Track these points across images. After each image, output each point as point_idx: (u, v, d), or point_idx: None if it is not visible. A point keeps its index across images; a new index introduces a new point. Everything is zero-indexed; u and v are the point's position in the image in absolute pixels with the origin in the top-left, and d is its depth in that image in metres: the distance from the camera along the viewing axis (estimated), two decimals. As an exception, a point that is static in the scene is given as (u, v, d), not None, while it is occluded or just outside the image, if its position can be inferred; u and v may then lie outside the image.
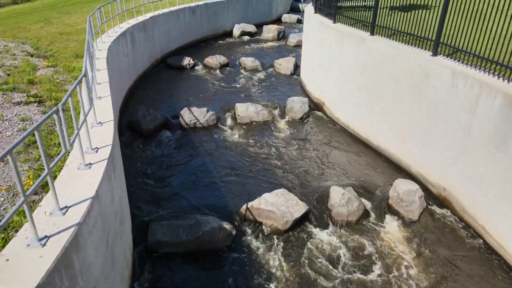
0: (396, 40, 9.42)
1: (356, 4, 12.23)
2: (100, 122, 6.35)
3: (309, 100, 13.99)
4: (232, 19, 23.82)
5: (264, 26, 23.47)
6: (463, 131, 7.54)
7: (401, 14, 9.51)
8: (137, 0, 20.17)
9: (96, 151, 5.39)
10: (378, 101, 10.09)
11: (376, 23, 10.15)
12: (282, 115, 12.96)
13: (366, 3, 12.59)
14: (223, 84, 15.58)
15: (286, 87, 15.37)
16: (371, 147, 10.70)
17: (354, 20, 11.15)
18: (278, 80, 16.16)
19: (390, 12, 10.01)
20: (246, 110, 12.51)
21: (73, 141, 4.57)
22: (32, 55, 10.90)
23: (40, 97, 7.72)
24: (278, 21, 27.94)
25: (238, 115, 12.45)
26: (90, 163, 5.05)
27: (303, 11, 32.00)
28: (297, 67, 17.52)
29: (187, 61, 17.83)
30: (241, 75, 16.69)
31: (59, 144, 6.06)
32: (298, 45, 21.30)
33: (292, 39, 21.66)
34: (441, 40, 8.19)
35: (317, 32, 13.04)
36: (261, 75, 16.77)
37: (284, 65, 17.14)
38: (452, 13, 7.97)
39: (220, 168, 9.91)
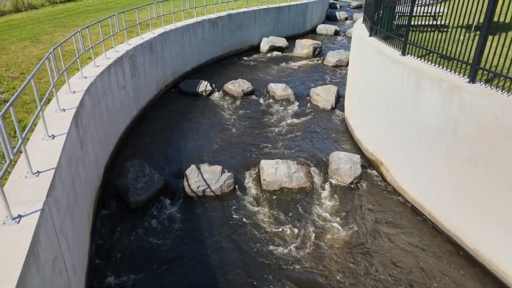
0: (523, 98, 5.81)
1: (436, 23, 8.62)
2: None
3: (356, 149, 10.44)
4: (259, 32, 20.49)
5: (296, 40, 20.01)
6: None
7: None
8: (145, 13, 17.20)
9: None
10: (482, 180, 6.46)
11: (480, 65, 6.56)
12: (324, 177, 9.48)
13: (455, 23, 8.93)
14: (245, 122, 12.23)
15: (327, 129, 11.85)
16: (466, 251, 7.07)
17: (439, 56, 7.55)
18: (316, 118, 12.66)
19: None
20: (275, 172, 9.11)
21: None
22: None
23: None
24: (312, 32, 24.39)
25: (264, 180, 9.05)
26: None
27: (340, 19, 28.38)
28: (339, 98, 13.98)
29: (204, 86, 14.62)
30: (269, 109, 13.30)
31: None
32: (339, 66, 17.74)
33: (331, 58, 18.09)
34: None
35: (374, 64, 9.49)
36: (294, 109, 13.32)
37: (323, 96, 13.64)
38: None
39: (237, 277, 6.55)
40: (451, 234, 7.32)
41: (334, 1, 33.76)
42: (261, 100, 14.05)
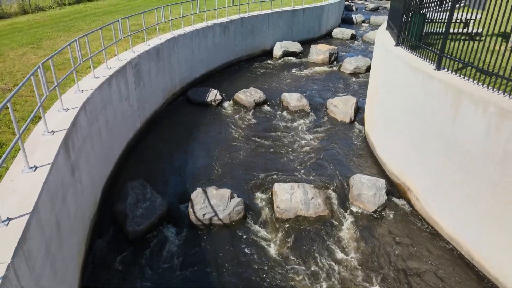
0: None
1: (467, 30, 7.58)
2: None
3: (378, 169, 9.44)
4: (273, 36, 19.55)
5: (312, 45, 19.01)
6: None
7: None
8: (152, 17, 16.38)
9: None
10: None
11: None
12: (345, 204, 8.50)
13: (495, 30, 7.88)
14: (257, 137, 11.30)
15: (346, 147, 10.85)
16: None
17: (480, 71, 6.53)
18: (334, 132, 11.67)
19: None
20: (290, 199, 8.16)
21: None
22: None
23: None
24: (327, 36, 23.35)
25: (278, 207, 8.12)
26: None
27: (356, 22, 27.26)
28: (358, 109, 12.97)
29: (213, 95, 13.74)
30: (283, 121, 12.35)
31: None
32: (356, 74, 16.71)
33: (348, 65, 17.05)
34: None
35: (402, 78, 8.48)
36: (309, 121, 12.35)
37: (341, 107, 12.64)
38: None
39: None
40: (498, 282, 6.28)
41: (350, 3, 32.63)
42: (274, 111, 13.11)
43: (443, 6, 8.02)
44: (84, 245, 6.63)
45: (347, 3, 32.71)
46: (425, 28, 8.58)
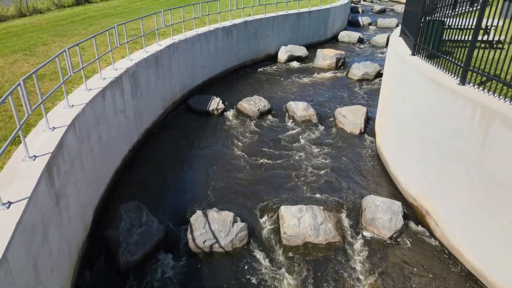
0: None
1: (488, 38, 6.86)
2: None
3: (392, 188, 8.75)
4: (277, 40, 18.86)
5: (318, 50, 18.31)
6: None
7: None
8: (152, 21, 15.74)
9: None
10: None
11: None
12: (357, 229, 7.81)
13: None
14: (261, 151, 10.62)
15: (356, 162, 10.16)
16: None
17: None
18: (343, 145, 10.98)
19: None
20: (298, 224, 7.48)
21: None
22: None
23: None
24: (333, 40, 22.63)
25: (285, 233, 7.44)
26: None
27: (363, 25, 26.53)
28: (368, 120, 12.27)
29: (215, 103, 13.08)
30: (288, 132, 11.67)
31: None
32: (365, 80, 16.01)
33: (356, 71, 16.35)
34: None
35: (420, 90, 7.78)
36: (317, 133, 11.66)
37: (350, 118, 11.93)
38: None
39: None
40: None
41: (356, 5, 31.90)
42: (280, 121, 12.43)
43: (468, 8, 7.31)
44: (71, 279, 5.98)
45: (353, 5, 31.98)
46: (445, 35, 7.88)
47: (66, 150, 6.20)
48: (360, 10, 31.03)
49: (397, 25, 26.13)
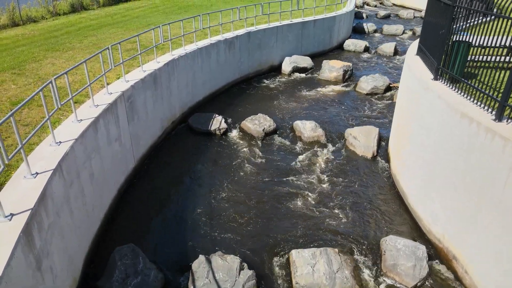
0: None
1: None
2: None
3: (412, 224, 7.98)
4: (281, 51, 18.09)
5: (324, 61, 17.54)
6: None
7: None
8: (148, 33, 14.95)
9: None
10: None
11: None
12: (377, 275, 7.04)
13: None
14: (268, 179, 9.85)
15: (371, 192, 9.39)
16: None
17: None
18: (356, 171, 10.21)
19: None
20: (311, 272, 6.72)
21: None
22: None
23: None
24: (339, 49, 21.87)
25: (297, 283, 6.66)
26: None
27: (368, 32, 25.76)
28: (380, 141, 11.52)
29: (217, 122, 12.31)
30: (296, 157, 10.89)
31: None
32: (374, 94, 15.26)
33: (365, 84, 15.59)
34: None
35: (446, 122, 7.02)
36: (326, 157, 10.89)
37: (361, 140, 11.18)
38: None
39: None
40: None
41: (360, 10, 31.14)
42: (286, 142, 11.66)
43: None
44: None
45: (357, 10, 31.21)
46: (471, 54, 7.11)
47: (50, 200, 5.43)
48: (364, 15, 30.27)
49: (403, 32, 25.38)
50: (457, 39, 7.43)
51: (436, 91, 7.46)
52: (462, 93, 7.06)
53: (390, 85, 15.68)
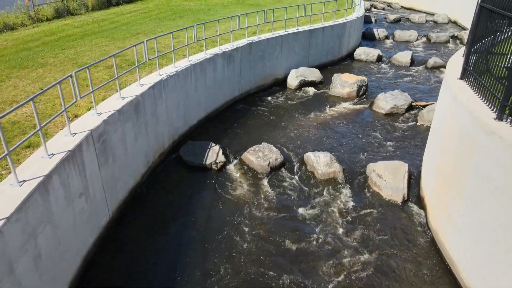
0: None
1: None
2: None
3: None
4: (286, 62, 16.13)
5: (335, 75, 15.56)
6: None
7: None
8: (138, 46, 12.95)
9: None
10: None
11: None
12: None
13: None
14: (274, 231, 7.88)
15: (404, 253, 7.42)
16: None
17: None
18: (383, 223, 8.24)
19: None
20: None
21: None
22: None
23: None
24: (349, 58, 19.88)
25: None
26: None
27: (379, 38, 23.77)
28: (410, 179, 9.56)
29: (213, 154, 10.35)
30: (307, 198, 8.96)
31: None
32: (395, 114, 13.32)
33: (383, 103, 13.62)
34: None
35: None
36: (345, 200, 8.94)
37: (388, 179, 9.22)
38: None
39: None
40: None
41: (368, 14, 29.15)
42: (297, 181, 9.71)
43: None
44: None
45: (366, 13, 29.20)
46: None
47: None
48: (373, 19, 28.28)
49: (417, 39, 23.39)
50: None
51: (505, 139, 5.50)
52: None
53: (413, 104, 13.73)
